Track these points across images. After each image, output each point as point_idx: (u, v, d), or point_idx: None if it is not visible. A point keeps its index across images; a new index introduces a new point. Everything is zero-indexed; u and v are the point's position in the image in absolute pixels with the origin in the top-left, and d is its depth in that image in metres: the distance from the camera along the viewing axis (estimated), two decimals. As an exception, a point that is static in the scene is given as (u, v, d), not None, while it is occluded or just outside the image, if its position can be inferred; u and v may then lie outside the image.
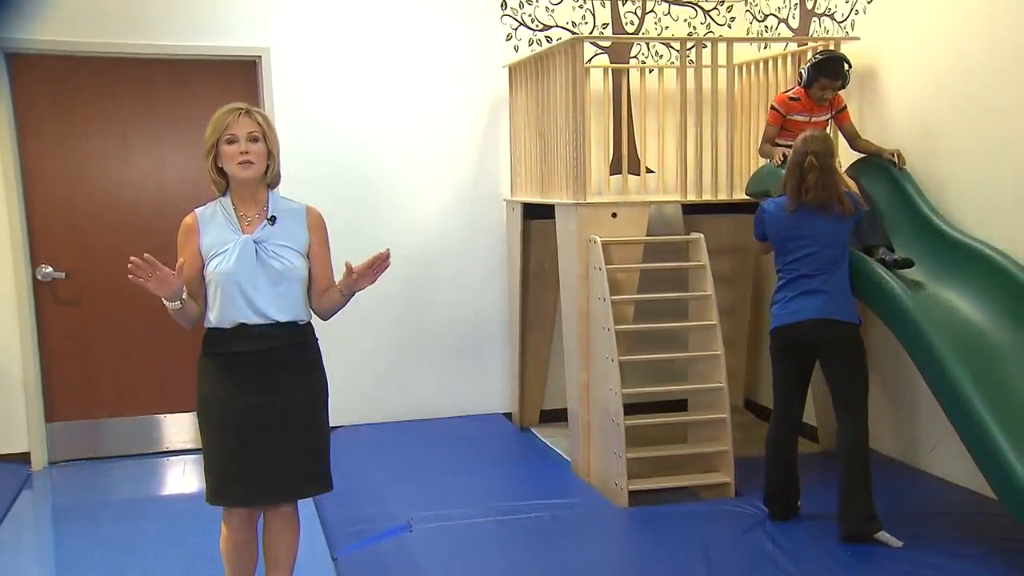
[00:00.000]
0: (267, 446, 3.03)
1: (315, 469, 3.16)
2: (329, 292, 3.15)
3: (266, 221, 3.07)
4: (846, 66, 4.84)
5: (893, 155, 4.78)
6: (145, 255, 2.77)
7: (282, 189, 3.26)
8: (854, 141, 4.96)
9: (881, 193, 4.77)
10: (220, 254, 3.01)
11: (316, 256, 3.15)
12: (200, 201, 3.15)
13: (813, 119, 4.84)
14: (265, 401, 3.02)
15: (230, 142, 2.99)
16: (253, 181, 3.06)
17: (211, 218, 3.08)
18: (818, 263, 4.11)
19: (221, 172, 3.06)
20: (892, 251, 4.44)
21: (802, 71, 4.87)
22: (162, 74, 5.65)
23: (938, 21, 4.72)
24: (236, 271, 2.98)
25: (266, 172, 3.09)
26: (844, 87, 4.87)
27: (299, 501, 3.27)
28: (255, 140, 3.01)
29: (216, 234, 3.04)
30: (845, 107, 4.95)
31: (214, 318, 3.03)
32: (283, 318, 3.05)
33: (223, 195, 3.12)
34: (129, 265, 2.76)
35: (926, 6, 4.79)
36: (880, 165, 4.92)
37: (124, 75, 5.60)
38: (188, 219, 3.10)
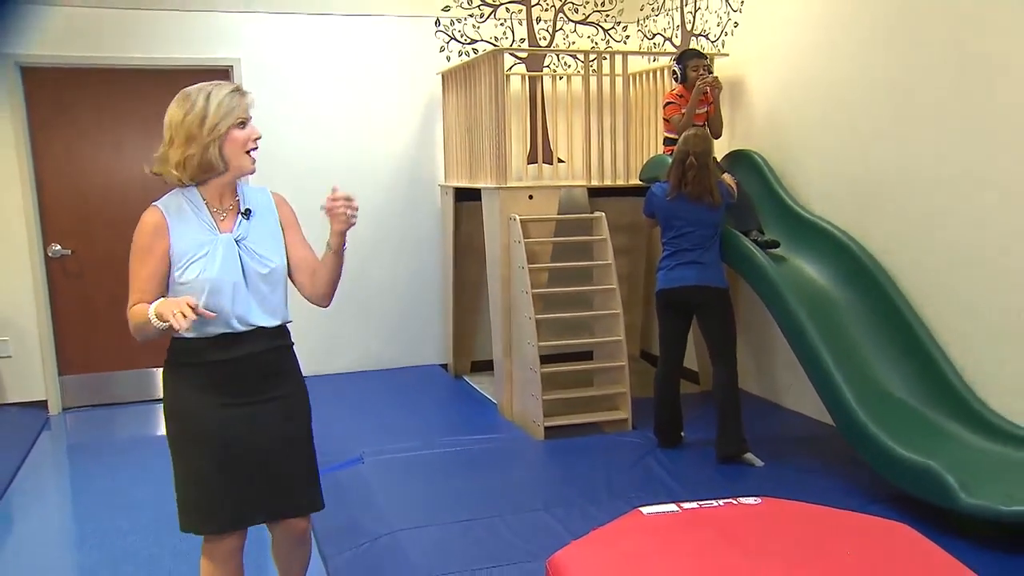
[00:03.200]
0: (256, 460, 2.29)
1: (310, 481, 2.42)
2: (320, 267, 2.40)
3: (240, 216, 2.29)
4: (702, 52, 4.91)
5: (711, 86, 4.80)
6: (202, 309, 2.08)
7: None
8: (715, 126, 4.95)
9: (749, 182, 4.85)
10: (201, 258, 2.21)
11: (294, 241, 2.39)
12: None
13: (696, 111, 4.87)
14: (252, 411, 2.29)
15: (242, 126, 2.23)
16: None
17: (178, 214, 2.23)
18: (695, 240, 4.17)
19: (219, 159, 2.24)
20: (763, 233, 4.52)
21: (675, 70, 4.89)
22: (150, 81, 5.61)
23: (789, 39, 4.82)
24: (221, 277, 2.21)
25: None
26: (711, 68, 4.87)
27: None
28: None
29: (190, 235, 2.22)
30: (712, 103, 4.98)
31: (191, 328, 2.14)
32: (270, 323, 2.31)
33: (187, 186, 2.26)
34: (186, 318, 2.03)
35: (780, 28, 4.88)
36: (748, 158, 5.01)
37: (119, 83, 5.59)
38: (153, 216, 2.22)
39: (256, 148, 2.28)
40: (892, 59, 4.17)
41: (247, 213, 2.31)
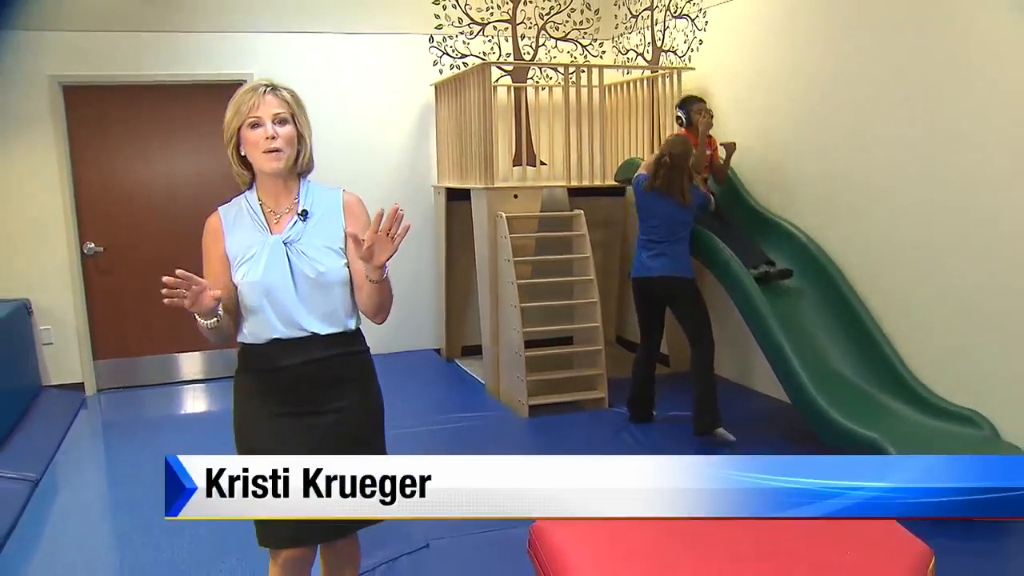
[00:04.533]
0: None
1: None
2: (364, 290, 2.06)
3: (296, 217, 2.02)
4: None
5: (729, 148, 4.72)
6: (178, 271, 1.79)
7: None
8: (718, 172, 4.80)
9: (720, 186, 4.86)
10: (247, 260, 1.99)
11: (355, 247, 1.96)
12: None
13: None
14: (306, 423, 2.02)
15: (254, 126, 1.97)
16: (282, 172, 2.01)
17: (236, 218, 2.03)
18: (663, 234, 4.18)
19: (244, 162, 2.03)
20: (772, 264, 4.36)
21: (679, 115, 4.73)
22: (173, 95, 5.65)
23: (749, 55, 4.86)
24: (265, 280, 1.97)
25: (296, 159, 2.05)
26: (712, 112, 4.70)
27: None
28: (283, 123, 2.00)
29: (242, 236, 2.01)
30: (715, 148, 4.85)
31: (247, 333, 2.02)
32: (323, 330, 2.03)
33: (248, 188, 2.07)
34: (164, 290, 1.78)
35: (741, 45, 4.93)
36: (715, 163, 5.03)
37: (146, 98, 5.63)
38: (211, 221, 2.05)
39: (272, 150, 1.97)
40: (845, 73, 4.23)
41: (304, 215, 2.03)
